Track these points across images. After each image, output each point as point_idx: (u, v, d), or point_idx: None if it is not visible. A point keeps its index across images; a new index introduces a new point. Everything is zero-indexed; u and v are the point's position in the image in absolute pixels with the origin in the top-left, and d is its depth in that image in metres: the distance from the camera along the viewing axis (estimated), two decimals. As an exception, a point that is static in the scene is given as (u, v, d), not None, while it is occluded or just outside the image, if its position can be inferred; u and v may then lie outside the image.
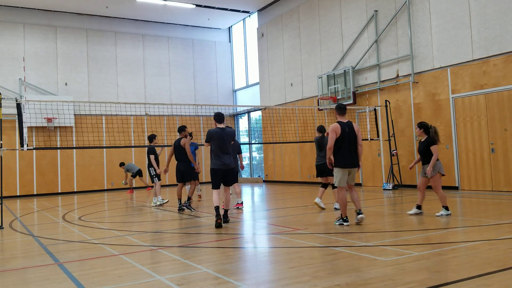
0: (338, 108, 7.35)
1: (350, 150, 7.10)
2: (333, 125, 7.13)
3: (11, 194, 17.30)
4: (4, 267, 5.32)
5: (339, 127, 7.07)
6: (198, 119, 20.98)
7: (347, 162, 7.07)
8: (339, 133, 7.03)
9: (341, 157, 7.06)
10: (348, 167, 7.11)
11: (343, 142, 7.04)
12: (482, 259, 4.69)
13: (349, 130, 7.12)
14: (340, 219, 7.21)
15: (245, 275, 4.64)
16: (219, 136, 7.83)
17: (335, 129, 7.07)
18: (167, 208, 11.17)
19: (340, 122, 7.14)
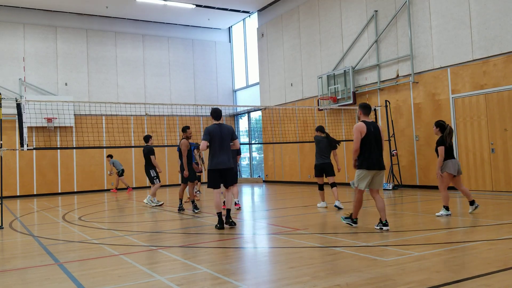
0: (364, 107, 6.89)
1: (376, 151, 6.64)
2: (358, 124, 6.67)
3: (11, 194, 17.30)
4: (4, 267, 5.32)
5: (365, 127, 6.62)
6: (198, 119, 20.98)
7: (373, 163, 6.59)
8: (364, 133, 6.58)
9: (367, 158, 6.59)
10: (374, 169, 6.62)
11: (369, 142, 6.60)
12: (482, 259, 4.69)
13: (374, 130, 6.68)
14: (350, 218, 6.94)
15: (245, 275, 4.63)
16: (218, 133, 7.42)
17: (360, 129, 6.61)
18: (167, 208, 11.17)
19: (365, 122, 6.70)
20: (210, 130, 7.40)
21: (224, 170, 7.47)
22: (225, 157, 7.42)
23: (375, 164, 6.59)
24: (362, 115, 6.87)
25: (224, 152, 7.42)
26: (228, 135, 7.50)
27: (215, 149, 7.38)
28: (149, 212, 10.66)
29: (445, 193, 7.71)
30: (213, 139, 7.37)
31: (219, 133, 7.40)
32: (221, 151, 7.38)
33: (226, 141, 7.46)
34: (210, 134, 7.36)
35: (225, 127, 7.52)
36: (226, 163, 7.42)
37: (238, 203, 10.12)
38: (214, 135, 7.37)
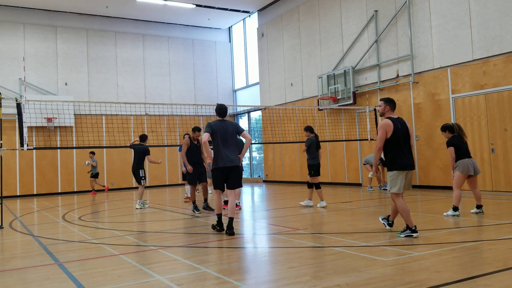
0: (390, 101, 6.34)
1: (406, 149, 6.12)
2: (384, 121, 6.17)
3: (11, 194, 17.30)
4: (4, 267, 5.32)
5: (391, 124, 6.09)
6: (198, 119, 20.98)
7: (406, 163, 6.04)
8: (391, 131, 6.07)
9: (398, 158, 6.04)
10: (407, 169, 6.06)
11: (397, 141, 6.07)
12: (482, 259, 4.69)
13: (401, 126, 6.17)
14: (407, 229, 6.02)
15: (245, 275, 4.63)
16: (221, 128, 6.85)
17: (386, 127, 6.08)
18: (167, 208, 11.17)
19: (392, 118, 6.19)
20: (212, 124, 6.89)
21: (228, 169, 6.85)
22: (230, 154, 6.83)
23: (408, 164, 6.05)
24: (389, 111, 6.32)
25: (229, 149, 6.85)
26: (233, 131, 6.95)
27: (218, 147, 6.84)
28: (149, 212, 10.66)
29: (456, 192, 7.66)
30: (216, 136, 6.84)
31: (222, 129, 6.86)
32: (225, 148, 6.82)
33: (230, 138, 6.90)
34: (212, 128, 6.83)
35: (229, 123, 6.99)
36: (231, 161, 6.81)
37: (238, 205, 10.13)
38: (217, 131, 6.83)
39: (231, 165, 6.82)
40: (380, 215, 8.54)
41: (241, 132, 6.97)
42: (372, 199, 11.19)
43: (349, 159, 15.68)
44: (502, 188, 11.03)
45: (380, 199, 11.21)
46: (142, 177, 11.30)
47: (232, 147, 6.90)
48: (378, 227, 7.06)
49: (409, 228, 5.97)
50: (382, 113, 6.42)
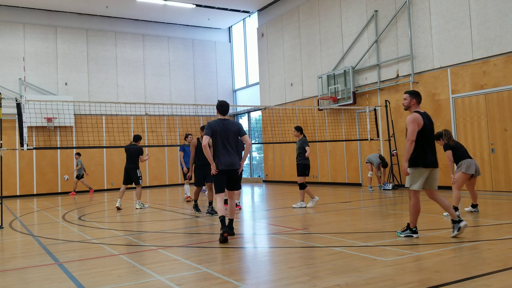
0: (417, 95, 6.02)
1: (431, 145, 5.84)
2: (414, 115, 5.81)
3: (11, 194, 17.30)
4: (4, 267, 5.32)
5: (421, 118, 5.78)
6: (198, 119, 20.98)
7: (430, 160, 5.78)
8: (421, 125, 5.74)
9: (423, 154, 5.75)
10: (431, 166, 5.81)
11: (424, 136, 5.76)
12: (482, 259, 4.69)
13: (429, 122, 5.88)
14: (407, 229, 5.93)
15: (245, 275, 4.63)
16: (222, 128, 6.44)
17: (418, 120, 5.74)
18: (167, 208, 11.17)
19: (420, 112, 5.88)
20: (212, 124, 6.46)
21: (228, 172, 6.52)
22: (231, 157, 6.48)
23: (431, 161, 5.78)
24: (415, 105, 5.99)
25: (230, 151, 6.47)
26: (235, 132, 6.53)
27: (218, 148, 6.45)
28: (149, 212, 10.66)
29: (456, 193, 7.70)
30: (216, 136, 6.44)
31: (223, 129, 6.44)
32: (226, 150, 6.44)
33: (232, 139, 6.50)
34: (212, 129, 6.41)
35: (231, 122, 6.56)
36: (232, 164, 6.47)
37: (238, 205, 10.13)
38: (217, 131, 6.42)
39: (230, 168, 6.48)
40: (379, 214, 8.54)
41: (243, 135, 6.60)
42: (372, 199, 11.19)
43: (349, 159, 15.68)
44: (502, 188, 11.03)
45: (380, 199, 11.21)
46: (140, 177, 11.31)
47: (233, 148, 6.52)
48: (378, 227, 7.06)
49: (410, 228, 5.90)
50: (407, 107, 6.05)
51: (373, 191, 13.12)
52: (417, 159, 5.78)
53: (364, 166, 14.94)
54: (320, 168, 16.96)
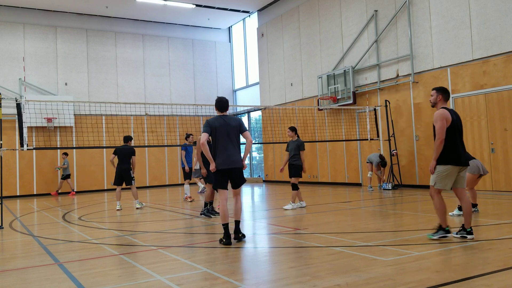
0: (444, 91, 5.82)
1: (461, 143, 5.67)
2: (441, 111, 5.62)
3: (11, 194, 17.30)
4: (4, 267, 5.32)
5: (449, 114, 5.59)
6: (198, 119, 20.98)
7: (459, 158, 5.56)
8: (449, 121, 5.57)
9: (453, 151, 5.55)
10: (461, 165, 5.60)
11: (453, 133, 5.58)
12: (482, 259, 4.69)
13: (457, 118, 5.71)
14: (440, 230, 5.70)
15: (245, 275, 4.64)
16: (222, 125, 6.15)
17: (446, 117, 5.56)
18: (167, 208, 11.17)
19: (447, 109, 5.70)
20: (211, 121, 6.19)
21: (231, 170, 6.21)
22: (233, 154, 6.17)
23: (462, 159, 5.60)
24: (442, 101, 5.81)
25: (231, 148, 6.16)
26: (235, 128, 6.25)
27: (219, 145, 6.16)
28: (149, 212, 10.67)
29: (472, 191, 7.76)
30: (217, 133, 6.15)
31: (223, 125, 6.16)
32: (227, 147, 6.14)
33: (233, 135, 6.21)
34: (211, 126, 6.14)
35: (232, 118, 6.30)
36: (234, 162, 6.17)
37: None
38: (217, 128, 6.14)
39: (234, 166, 6.16)
40: (379, 214, 8.54)
41: (244, 131, 6.31)
42: (372, 199, 11.19)
43: (349, 159, 15.69)
44: (502, 188, 11.03)
45: (380, 199, 11.21)
46: (132, 177, 11.29)
47: (235, 145, 6.21)
48: (378, 227, 7.06)
49: (443, 228, 5.65)
50: (434, 103, 5.86)
51: (373, 191, 13.12)
52: (448, 157, 5.56)
53: (364, 166, 14.94)
54: (320, 168, 16.96)
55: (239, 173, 6.29)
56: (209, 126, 6.15)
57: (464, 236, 5.63)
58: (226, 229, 6.01)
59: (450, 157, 5.55)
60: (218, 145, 6.19)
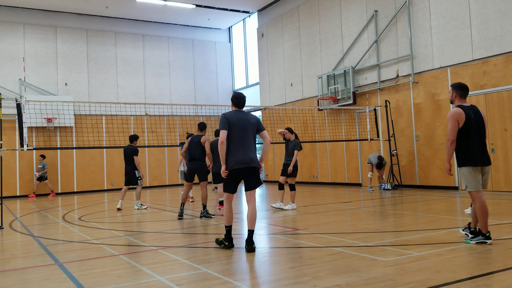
0: (460, 87, 5.55)
1: (480, 142, 5.39)
2: (454, 110, 5.39)
3: (11, 194, 17.30)
4: (4, 267, 5.32)
5: (463, 113, 5.33)
6: (198, 119, 20.96)
7: (478, 158, 5.33)
8: (462, 121, 5.32)
9: (470, 152, 5.33)
10: (480, 165, 5.34)
11: (467, 132, 5.33)
12: (482, 259, 4.69)
13: (475, 116, 5.39)
14: (480, 235, 5.37)
15: (245, 275, 4.64)
16: (241, 120, 5.63)
17: (457, 116, 5.32)
18: (167, 208, 11.16)
19: (463, 107, 5.42)
20: (228, 116, 5.62)
21: (247, 170, 5.65)
22: (249, 152, 5.64)
23: (479, 160, 5.34)
24: (458, 98, 5.54)
25: (248, 146, 5.64)
26: (254, 125, 5.72)
27: (235, 142, 5.59)
28: (149, 212, 10.66)
29: None
30: (234, 129, 5.58)
31: (242, 120, 5.64)
32: (244, 143, 5.61)
33: (250, 133, 5.69)
34: (229, 122, 5.57)
35: (250, 115, 5.84)
36: (250, 161, 5.62)
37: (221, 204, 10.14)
38: (235, 123, 5.58)
39: (250, 166, 5.60)
40: (379, 214, 8.54)
41: (262, 130, 5.76)
42: (373, 199, 11.19)
43: (349, 159, 15.68)
44: (502, 188, 11.02)
45: (380, 199, 11.21)
46: (138, 177, 11.10)
47: (251, 143, 5.68)
48: (378, 227, 7.06)
49: (483, 233, 5.32)
50: (451, 101, 5.67)
51: (373, 191, 13.11)
52: (465, 159, 5.38)
53: (364, 166, 14.94)
54: (320, 168, 16.96)
55: (256, 173, 5.73)
56: (227, 121, 5.57)
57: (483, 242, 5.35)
58: (229, 231, 5.60)
59: (467, 159, 5.37)
60: (233, 142, 5.58)
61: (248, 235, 5.60)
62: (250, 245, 5.52)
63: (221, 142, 5.53)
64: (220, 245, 5.60)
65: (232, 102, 5.88)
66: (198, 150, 9.08)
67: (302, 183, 17.50)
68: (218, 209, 10.35)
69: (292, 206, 9.66)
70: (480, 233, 5.35)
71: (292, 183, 9.74)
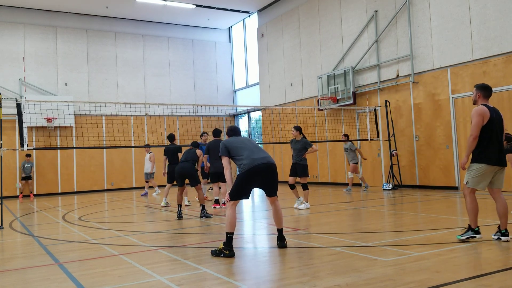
0: (484, 88, 5.69)
1: (498, 142, 5.44)
2: (479, 108, 5.49)
3: (11, 194, 17.30)
4: (4, 267, 5.32)
5: (488, 111, 5.43)
6: (198, 119, 20.99)
7: (495, 157, 5.37)
8: (487, 118, 5.40)
9: (487, 149, 5.38)
10: (496, 164, 5.39)
11: (490, 131, 5.40)
12: (482, 259, 4.69)
13: (497, 116, 5.52)
14: (469, 230, 5.49)
15: (245, 275, 4.64)
16: (240, 140, 5.73)
17: (483, 113, 5.41)
18: (167, 208, 11.16)
19: (487, 106, 5.54)
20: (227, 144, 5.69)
21: (265, 171, 5.51)
22: (262, 153, 5.60)
23: (497, 159, 5.38)
24: (482, 98, 5.66)
25: (259, 150, 5.67)
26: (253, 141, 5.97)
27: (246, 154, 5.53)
28: (149, 212, 10.66)
29: None
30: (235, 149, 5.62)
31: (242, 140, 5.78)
32: (254, 151, 5.59)
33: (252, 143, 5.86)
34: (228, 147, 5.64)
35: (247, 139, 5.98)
36: (266, 158, 5.54)
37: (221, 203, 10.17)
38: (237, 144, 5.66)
39: (267, 166, 5.50)
40: (379, 214, 8.54)
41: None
42: (372, 199, 11.19)
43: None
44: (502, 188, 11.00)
45: (380, 199, 11.21)
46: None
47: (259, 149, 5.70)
48: (378, 227, 7.06)
49: (472, 229, 5.46)
50: (474, 101, 5.78)
51: (350, 192, 13.06)
52: (481, 155, 5.40)
53: (364, 165, 14.94)
54: (320, 168, 16.96)
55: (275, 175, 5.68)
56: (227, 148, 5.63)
57: (499, 238, 5.44)
58: (230, 239, 5.29)
59: (485, 156, 5.37)
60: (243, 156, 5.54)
61: (279, 232, 5.69)
62: (282, 241, 5.64)
63: (225, 166, 5.58)
64: (219, 255, 5.24)
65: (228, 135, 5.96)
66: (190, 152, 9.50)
67: (302, 183, 17.51)
68: (213, 208, 10.38)
69: (306, 205, 9.61)
70: (470, 229, 5.48)
71: (305, 182, 9.67)
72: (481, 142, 5.41)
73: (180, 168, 9.21)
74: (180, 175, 9.17)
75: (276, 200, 5.77)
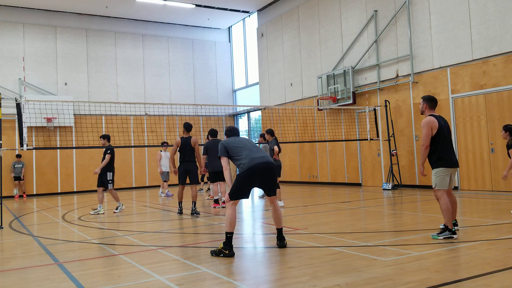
0: (429, 99, 6.14)
1: (450, 146, 5.99)
2: (428, 118, 5.95)
3: (11, 194, 17.28)
4: (4, 267, 5.32)
5: (436, 121, 5.91)
6: (198, 119, 20.98)
7: (450, 160, 5.90)
8: (436, 127, 5.88)
9: (444, 154, 5.87)
10: (452, 166, 5.91)
11: (443, 138, 5.90)
12: (482, 259, 4.69)
13: (445, 124, 6.03)
14: (446, 230, 5.75)
15: (245, 275, 4.64)
16: (239, 140, 5.76)
17: (431, 123, 5.89)
18: (167, 208, 11.16)
19: (434, 116, 6.00)
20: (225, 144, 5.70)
21: (265, 170, 5.51)
22: (261, 153, 5.62)
23: (453, 161, 5.93)
24: (428, 109, 6.12)
25: (258, 150, 5.70)
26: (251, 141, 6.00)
27: (246, 155, 5.55)
28: (149, 212, 10.66)
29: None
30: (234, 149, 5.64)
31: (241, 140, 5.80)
32: (254, 150, 5.63)
33: (251, 143, 5.86)
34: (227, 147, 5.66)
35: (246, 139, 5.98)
36: (265, 157, 5.56)
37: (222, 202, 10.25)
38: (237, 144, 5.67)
39: (267, 165, 5.50)
40: (379, 214, 8.54)
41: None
42: (372, 199, 11.20)
43: (349, 159, 15.69)
44: (502, 188, 11.03)
45: (380, 199, 11.21)
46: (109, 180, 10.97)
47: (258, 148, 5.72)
48: (378, 227, 7.06)
49: (449, 229, 5.73)
50: (422, 111, 6.24)
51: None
52: (439, 161, 5.91)
53: (364, 166, 14.94)
54: (320, 168, 16.97)
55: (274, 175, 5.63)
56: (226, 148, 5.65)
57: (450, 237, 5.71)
58: (230, 238, 5.29)
59: (443, 160, 5.90)
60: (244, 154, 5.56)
61: (278, 232, 5.70)
62: (282, 241, 5.67)
63: (225, 169, 5.59)
64: (219, 254, 5.24)
65: (227, 136, 5.97)
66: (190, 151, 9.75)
67: (302, 183, 17.51)
68: (213, 208, 10.41)
69: (280, 203, 9.83)
70: (447, 229, 5.77)
71: None
72: (436, 149, 5.92)
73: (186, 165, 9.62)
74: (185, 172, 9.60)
75: (275, 199, 5.76)
